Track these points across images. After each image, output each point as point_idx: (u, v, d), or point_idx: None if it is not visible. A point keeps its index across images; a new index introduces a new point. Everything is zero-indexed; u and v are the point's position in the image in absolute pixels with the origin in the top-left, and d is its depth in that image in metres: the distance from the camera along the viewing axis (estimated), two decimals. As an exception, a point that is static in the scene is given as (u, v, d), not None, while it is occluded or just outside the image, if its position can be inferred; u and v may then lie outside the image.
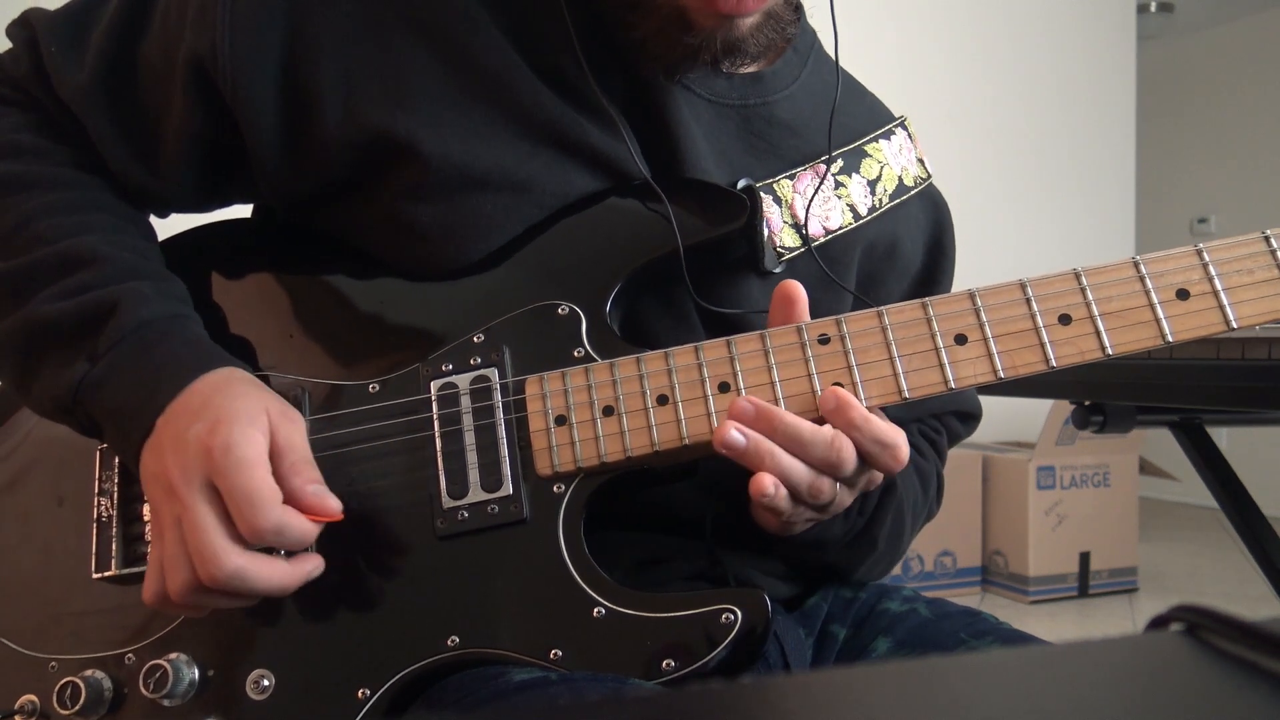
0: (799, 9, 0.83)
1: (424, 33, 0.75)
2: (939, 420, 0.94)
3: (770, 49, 0.80)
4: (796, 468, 0.66)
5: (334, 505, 0.67)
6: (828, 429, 0.66)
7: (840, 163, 0.84)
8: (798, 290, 0.70)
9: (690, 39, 0.72)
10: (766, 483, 0.65)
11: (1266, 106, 5.17)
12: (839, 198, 0.83)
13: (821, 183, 0.82)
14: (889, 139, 0.88)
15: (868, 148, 0.86)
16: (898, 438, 0.67)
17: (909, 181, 0.88)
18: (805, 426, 0.66)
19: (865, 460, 0.67)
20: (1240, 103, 5.29)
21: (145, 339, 0.70)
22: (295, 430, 0.68)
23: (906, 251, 0.88)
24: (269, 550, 0.66)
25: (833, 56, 0.89)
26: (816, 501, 0.68)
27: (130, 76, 0.77)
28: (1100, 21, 4.14)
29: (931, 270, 0.91)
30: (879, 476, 0.72)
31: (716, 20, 0.71)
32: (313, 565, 0.68)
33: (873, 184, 0.85)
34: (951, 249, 0.92)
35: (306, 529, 0.66)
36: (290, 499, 0.66)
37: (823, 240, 0.81)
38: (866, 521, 0.81)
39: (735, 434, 0.66)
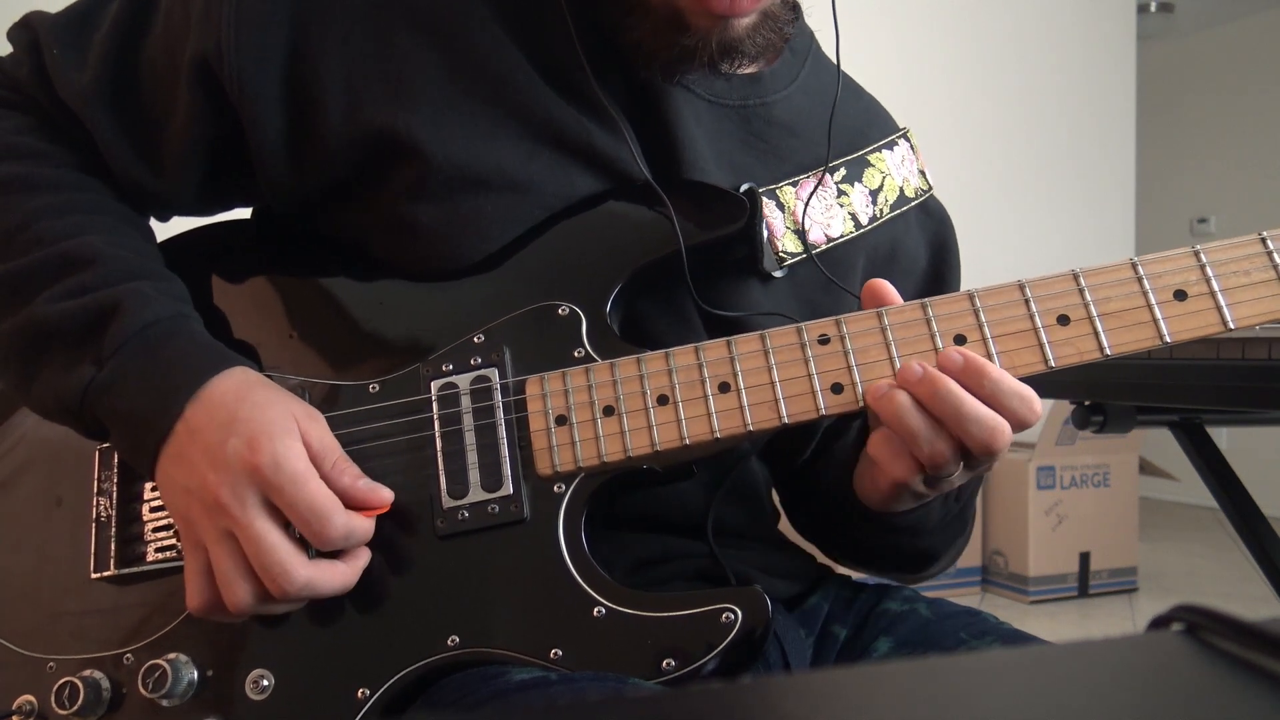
0: (796, 8, 0.83)
1: (427, 32, 0.75)
2: None
3: (768, 49, 0.80)
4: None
5: (386, 495, 0.69)
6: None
7: (843, 171, 0.84)
8: (884, 288, 0.70)
9: (686, 40, 0.72)
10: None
11: (1266, 106, 5.17)
12: (841, 206, 0.83)
13: (819, 184, 0.82)
14: (892, 150, 0.88)
15: (870, 157, 0.86)
16: (1028, 388, 0.65)
17: (910, 193, 0.88)
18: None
19: (1007, 416, 0.65)
20: (1240, 103, 5.28)
21: (150, 340, 0.70)
22: (324, 430, 0.70)
23: (909, 251, 0.88)
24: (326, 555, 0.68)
25: (831, 57, 0.89)
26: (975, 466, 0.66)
27: (133, 78, 0.77)
28: (1100, 21, 4.14)
29: (939, 267, 0.91)
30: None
31: (711, 21, 0.71)
32: (364, 559, 0.69)
33: (874, 194, 0.85)
34: (955, 249, 0.92)
35: (368, 526, 0.68)
36: (342, 499, 0.67)
37: (824, 247, 0.81)
38: (962, 502, 0.80)
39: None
